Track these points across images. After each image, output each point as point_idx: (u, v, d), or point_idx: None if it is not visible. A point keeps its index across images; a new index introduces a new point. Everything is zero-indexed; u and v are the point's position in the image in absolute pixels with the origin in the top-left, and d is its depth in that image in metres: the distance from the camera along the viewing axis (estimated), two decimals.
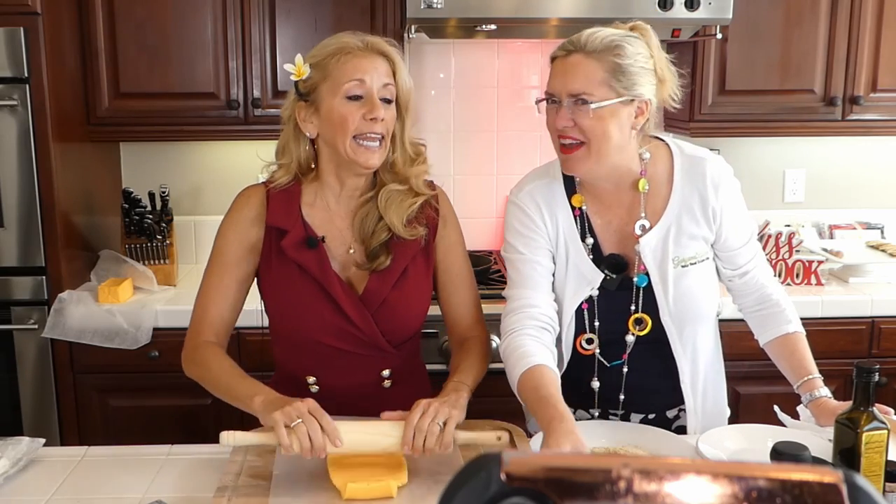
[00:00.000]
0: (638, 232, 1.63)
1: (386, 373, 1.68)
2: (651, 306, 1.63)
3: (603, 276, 1.63)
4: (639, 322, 1.64)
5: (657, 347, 1.65)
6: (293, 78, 1.61)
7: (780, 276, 2.77)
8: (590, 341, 1.66)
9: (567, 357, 1.67)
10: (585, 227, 1.66)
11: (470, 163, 3.14)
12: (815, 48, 2.79)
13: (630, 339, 1.65)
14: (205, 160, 3.08)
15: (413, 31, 2.68)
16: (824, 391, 1.59)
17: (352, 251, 1.66)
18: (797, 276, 2.78)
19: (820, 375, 1.62)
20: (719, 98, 2.82)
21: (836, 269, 2.88)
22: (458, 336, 1.73)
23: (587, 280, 1.63)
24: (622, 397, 1.69)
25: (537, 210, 1.65)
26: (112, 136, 2.80)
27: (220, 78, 2.70)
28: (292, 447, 1.36)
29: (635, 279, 1.63)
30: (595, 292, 1.64)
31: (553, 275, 1.67)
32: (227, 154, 3.06)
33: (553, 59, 1.59)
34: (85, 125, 2.70)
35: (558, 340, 1.66)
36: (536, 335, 1.58)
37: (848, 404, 1.37)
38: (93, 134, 2.73)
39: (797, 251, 2.78)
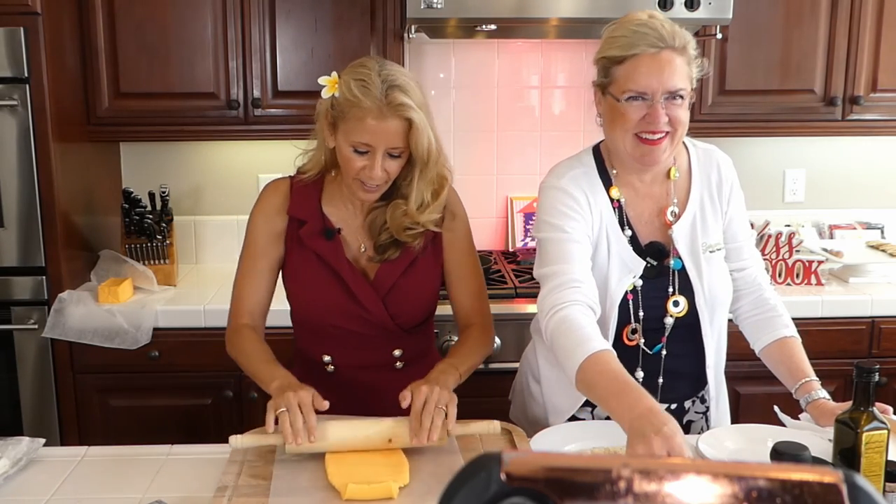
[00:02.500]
0: (670, 219, 1.68)
1: (397, 353, 1.76)
2: (686, 291, 1.68)
3: (644, 263, 1.66)
4: (676, 304, 1.67)
5: (688, 332, 1.69)
6: (323, 94, 1.63)
7: (780, 276, 2.77)
8: (634, 331, 1.68)
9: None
10: (624, 218, 1.68)
11: (470, 163, 3.14)
12: (815, 48, 2.79)
13: (669, 321, 1.68)
14: (205, 160, 3.08)
15: (413, 31, 2.68)
16: (822, 393, 1.59)
17: (363, 249, 1.76)
18: (797, 276, 2.78)
19: (817, 378, 1.62)
20: (719, 98, 2.82)
21: (836, 269, 2.88)
22: (463, 322, 1.81)
23: (629, 268, 1.66)
24: (661, 381, 1.70)
25: (583, 195, 1.66)
26: (112, 136, 2.80)
27: (220, 78, 2.70)
28: (282, 435, 1.47)
29: (671, 263, 1.67)
30: (638, 282, 1.66)
31: (592, 262, 1.67)
32: (227, 154, 3.06)
33: (629, 56, 1.55)
34: (85, 125, 2.70)
35: (601, 333, 1.66)
36: (588, 314, 1.54)
37: (847, 405, 1.37)
38: (93, 134, 2.73)
39: (797, 251, 2.78)
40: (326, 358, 1.77)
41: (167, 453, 1.61)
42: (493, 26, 2.67)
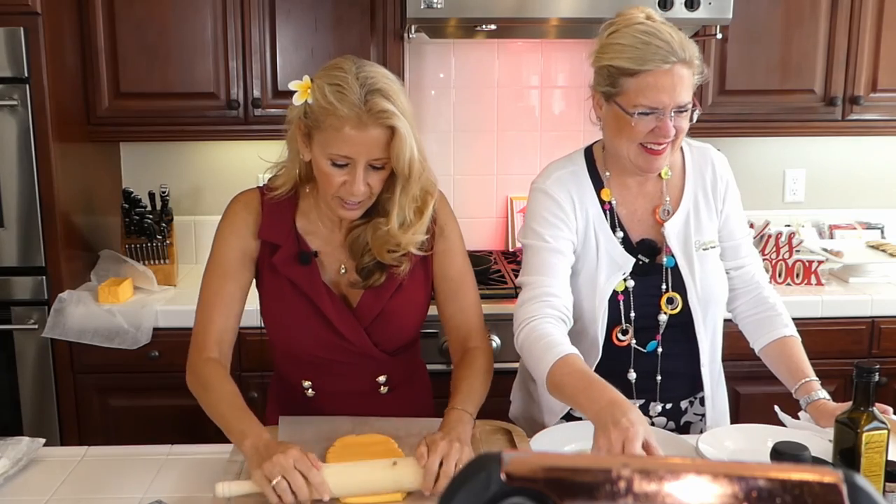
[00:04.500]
0: (663, 217, 1.69)
1: (381, 379, 1.66)
2: (679, 288, 1.68)
3: (634, 260, 1.66)
4: (670, 301, 1.68)
5: (682, 331, 1.69)
6: (295, 100, 1.48)
7: (780, 276, 2.77)
8: (625, 332, 1.68)
9: (600, 348, 1.67)
10: (615, 219, 1.68)
11: (470, 163, 3.14)
12: (815, 48, 2.79)
13: (663, 318, 1.68)
14: (205, 160, 3.08)
15: (413, 31, 2.68)
16: (823, 393, 1.59)
17: (343, 271, 1.62)
18: (797, 276, 2.78)
19: (817, 378, 1.62)
20: (719, 98, 2.82)
21: (836, 269, 2.88)
22: (459, 344, 1.67)
23: (619, 266, 1.66)
24: (659, 378, 1.70)
25: (567, 197, 1.66)
26: (112, 136, 2.80)
27: (220, 78, 2.70)
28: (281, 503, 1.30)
29: (664, 261, 1.68)
30: (630, 282, 1.66)
31: (578, 267, 1.67)
32: (227, 154, 3.06)
33: (642, 71, 1.52)
34: (85, 125, 2.70)
35: (590, 332, 1.66)
36: (557, 324, 1.56)
37: (847, 405, 1.37)
38: (93, 134, 2.73)
39: (797, 251, 2.78)
40: (306, 383, 1.65)
41: (167, 453, 1.61)
42: (493, 26, 2.67)
